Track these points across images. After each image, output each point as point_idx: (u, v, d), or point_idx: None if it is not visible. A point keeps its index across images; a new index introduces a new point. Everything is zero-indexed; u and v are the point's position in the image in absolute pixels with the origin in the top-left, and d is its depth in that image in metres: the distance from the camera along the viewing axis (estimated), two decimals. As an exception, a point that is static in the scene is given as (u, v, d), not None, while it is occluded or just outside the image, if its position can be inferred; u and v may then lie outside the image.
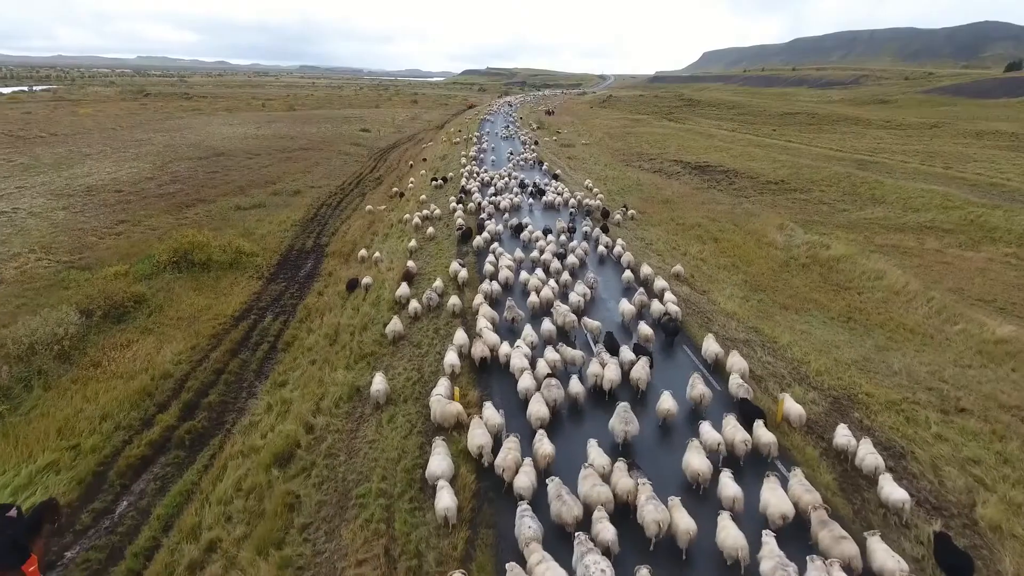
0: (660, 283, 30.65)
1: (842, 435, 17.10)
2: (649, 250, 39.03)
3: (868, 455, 16.08)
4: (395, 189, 61.78)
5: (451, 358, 21.41)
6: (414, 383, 21.08)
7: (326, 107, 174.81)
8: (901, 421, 19.05)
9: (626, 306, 27.57)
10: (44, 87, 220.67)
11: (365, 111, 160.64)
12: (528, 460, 15.75)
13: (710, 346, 22.66)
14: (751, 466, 16.23)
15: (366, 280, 31.97)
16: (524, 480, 14.90)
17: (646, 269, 32.86)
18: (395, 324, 25.41)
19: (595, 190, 55.97)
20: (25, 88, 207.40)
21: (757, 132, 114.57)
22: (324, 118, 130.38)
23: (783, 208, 53.47)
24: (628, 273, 32.74)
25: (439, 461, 15.64)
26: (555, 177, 62.68)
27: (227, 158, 70.92)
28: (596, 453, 16.05)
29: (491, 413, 18.00)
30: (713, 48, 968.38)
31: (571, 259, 34.67)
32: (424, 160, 79.62)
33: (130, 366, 24.82)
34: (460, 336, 23.08)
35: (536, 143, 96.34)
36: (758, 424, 17.23)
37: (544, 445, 16.31)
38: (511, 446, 16.23)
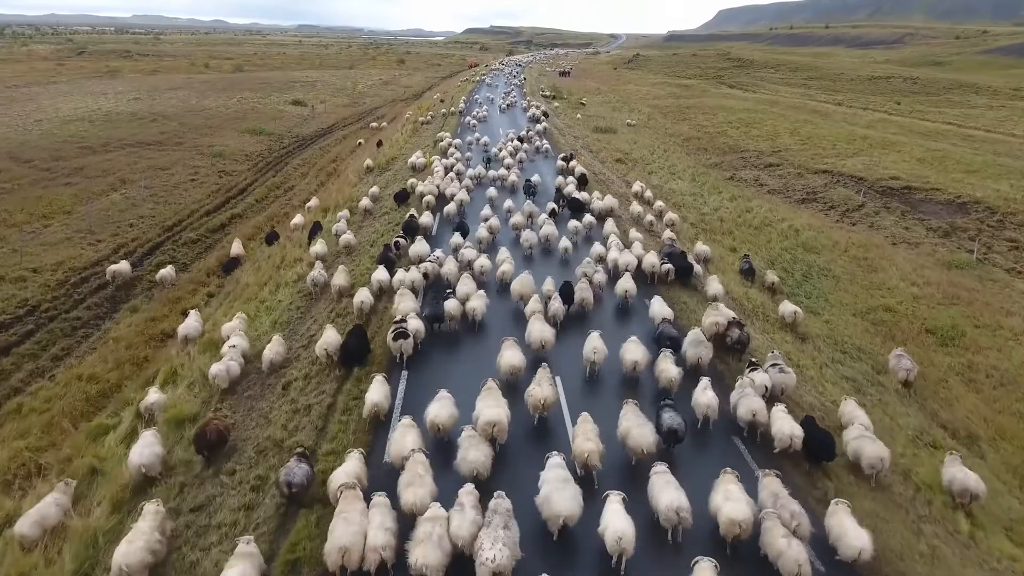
0: None
1: None
2: None
3: None
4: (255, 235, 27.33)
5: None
6: None
7: (291, 68, 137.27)
8: None
9: None
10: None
11: (326, 73, 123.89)
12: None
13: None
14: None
15: None
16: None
17: None
18: None
19: (702, 253, 21.68)
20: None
21: (878, 106, 78.45)
22: (259, 83, 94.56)
23: None
24: None
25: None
26: (581, 185, 29.29)
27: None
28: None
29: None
30: (728, 6, 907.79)
31: None
32: (375, 152, 44.40)
33: None
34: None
35: (546, 115, 60.41)
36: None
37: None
38: None
